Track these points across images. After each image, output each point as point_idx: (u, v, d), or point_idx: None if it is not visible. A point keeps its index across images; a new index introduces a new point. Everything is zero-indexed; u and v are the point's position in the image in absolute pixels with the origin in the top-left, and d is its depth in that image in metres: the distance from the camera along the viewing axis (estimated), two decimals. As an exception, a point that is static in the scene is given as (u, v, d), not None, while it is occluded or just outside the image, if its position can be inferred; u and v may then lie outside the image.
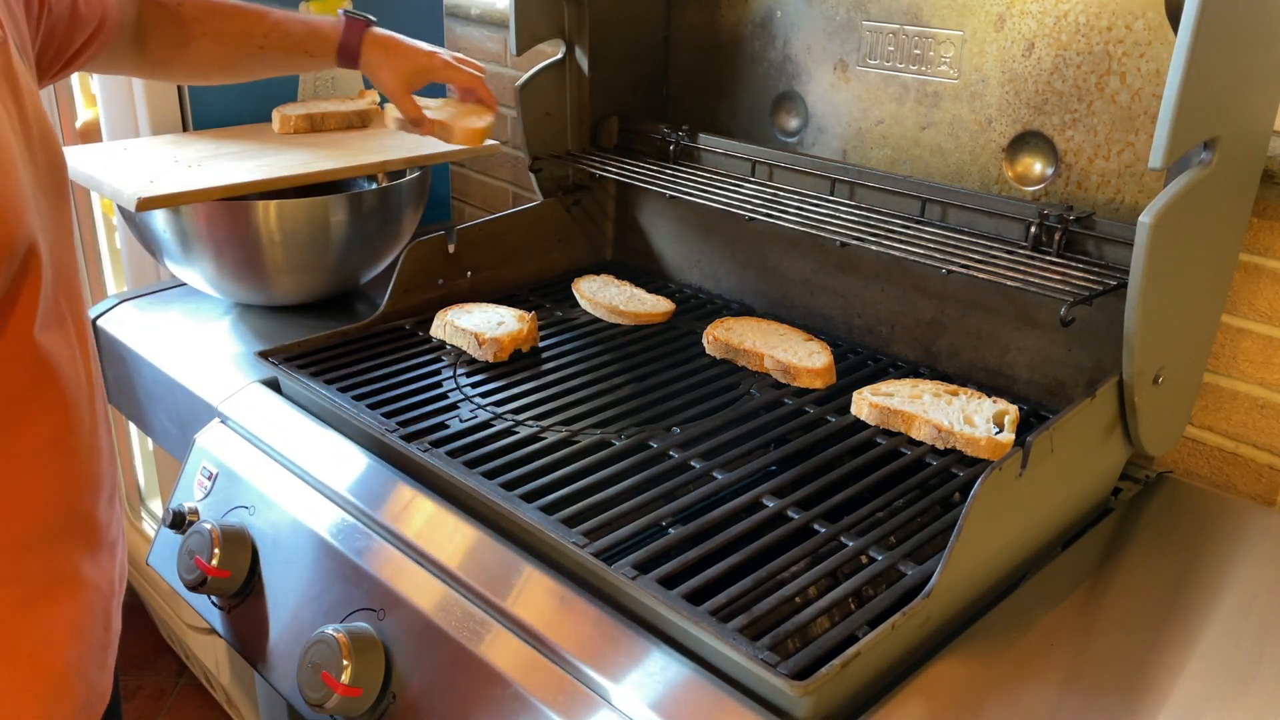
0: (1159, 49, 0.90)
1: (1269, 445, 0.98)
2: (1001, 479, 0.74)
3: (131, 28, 0.97)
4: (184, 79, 1.10)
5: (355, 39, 1.07)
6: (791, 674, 0.64)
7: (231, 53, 1.03)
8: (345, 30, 1.07)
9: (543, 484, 0.85)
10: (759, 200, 1.08)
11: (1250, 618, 0.79)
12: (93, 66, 0.97)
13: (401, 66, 1.07)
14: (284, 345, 1.07)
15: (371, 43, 1.07)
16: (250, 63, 1.05)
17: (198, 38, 1.01)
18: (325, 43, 1.06)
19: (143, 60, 1.00)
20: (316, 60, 1.07)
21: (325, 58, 1.07)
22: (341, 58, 1.07)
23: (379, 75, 1.07)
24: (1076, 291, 0.85)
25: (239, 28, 1.03)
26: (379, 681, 0.77)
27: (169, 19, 0.99)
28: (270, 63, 1.06)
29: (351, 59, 1.07)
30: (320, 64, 1.08)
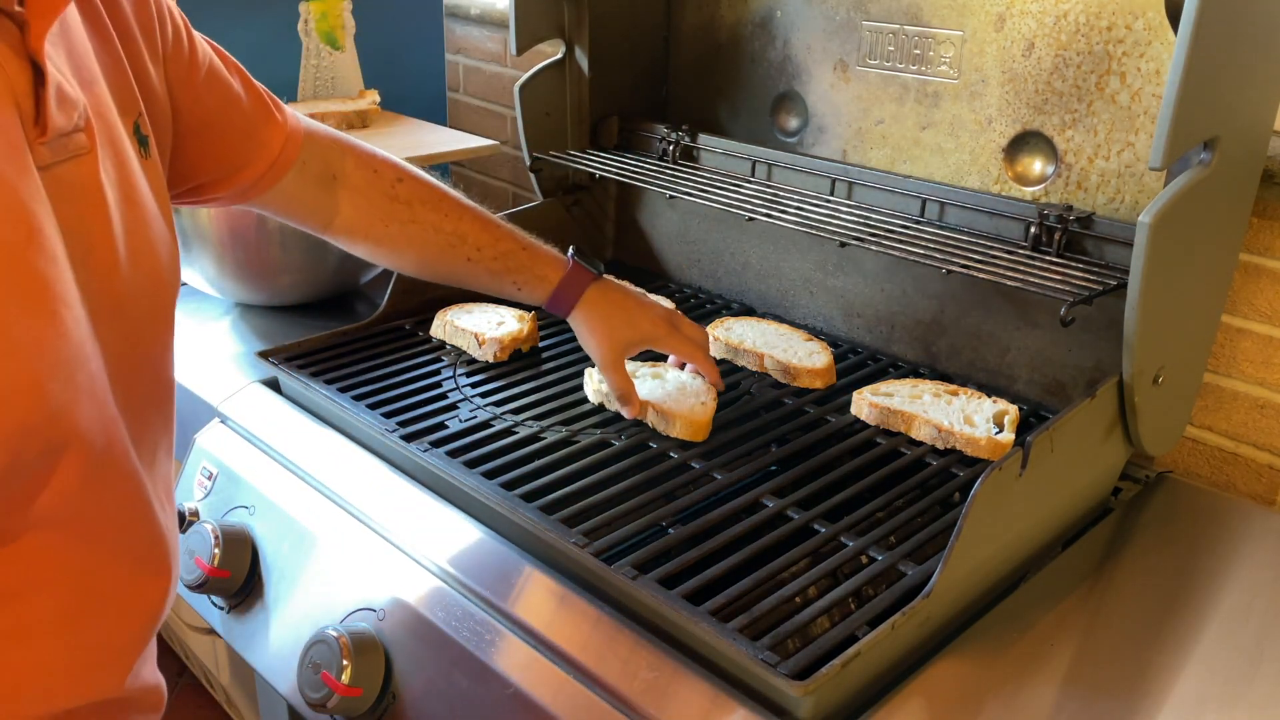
0: (1159, 49, 0.90)
1: (1269, 445, 0.98)
2: (1001, 479, 0.74)
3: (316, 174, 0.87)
4: (366, 254, 0.93)
5: (575, 291, 0.94)
6: (791, 674, 0.64)
7: (434, 254, 0.92)
8: (567, 277, 0.95)
9: (543, 484, 0.85)
10: (759, 200, 1.08)
11: (1250, 618, 0.79)
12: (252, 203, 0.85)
13: (620, 335, 0.94)
14: (284, 345, 1.07)
15: (592, 300, 0.95)
16: (449, 270, 0.94)
17: (405, 223, 0.91)
18: (540, 282, 0.94)
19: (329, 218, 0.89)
20: (524, 294, 0.95)
21: (535, 297, 0.95)
22: (553, 305, 0.95)
23: (591, 340, 0.94)
24: (1076, 291, 0.85)
25: (457, 229, 0.92)
26: (379, 681, 0.77)
27: (380, 192, 0.90)
28: (473, 277, 0.94)
29: (564, 310, 0.95)
30: (525, 298, 0.96)
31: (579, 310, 0.95)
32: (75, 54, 0.60)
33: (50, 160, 0.55)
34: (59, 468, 0.56)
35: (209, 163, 0.79)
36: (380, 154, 0.92)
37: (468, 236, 0.92)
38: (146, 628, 0.67)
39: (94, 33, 0.63)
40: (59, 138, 0.56)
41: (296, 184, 0.85)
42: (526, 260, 0.94)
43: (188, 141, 0.75)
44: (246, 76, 0.82)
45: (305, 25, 1.45)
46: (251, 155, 0.81)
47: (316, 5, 1.45)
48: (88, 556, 0.60)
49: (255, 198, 0.85)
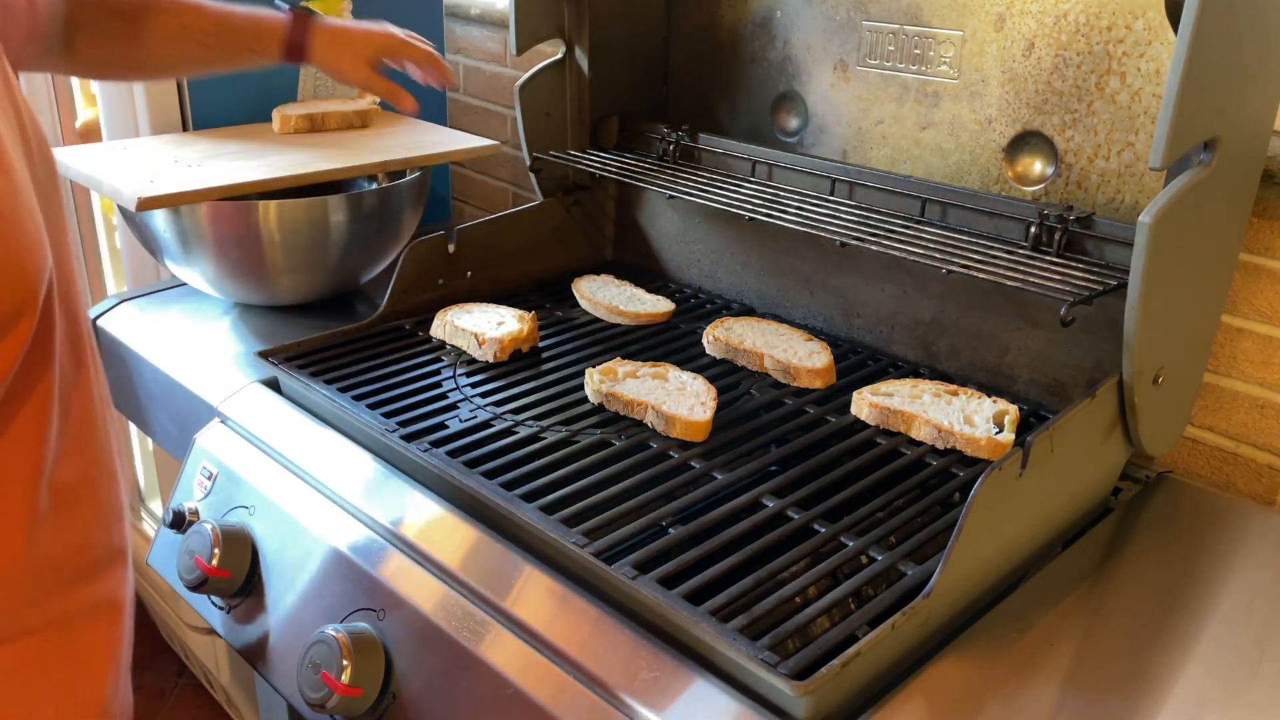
0: (1159, 49, 0.90)
1: (1269, 445, 0.98)
2: (1001, 479, 0.74)
3: (60, 22, 0.90)
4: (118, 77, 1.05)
5: (301, 33, 1.03)
6: (791, 674, 0.64)
7: (172, 49, 0.99)
8: (291, 26, 1.02)
9: (543, 484, 0.85)
10: (759, 200, 1.08)
11: (1250, 618, 0.79)
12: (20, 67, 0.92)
13: (359, 50, 1.05)
14: (284, 345, 1.07)
15: (320, 35, 1.04)
16: (191, 60, 1.01)
17: (139, 36, 0.96)
18: (270, 38, 1.02)
19: (74, 58, 0.94)
20: (260, 58, 1.03)
21: (270, 55, 1.02)
22: (288, 54, 1.03)
23: (337, 66, 1.05)
24: (1076, 291, 0.85)
25: (179, 22, 0.98)
26: (379, 681, 0.77)
27: (109, 13, 0.94)
28: (213, 60, 1.02)
29: (298, 54, 1.03)
30: (265, 61, 1.03)
31: (313, 46, 1.03)
32: None
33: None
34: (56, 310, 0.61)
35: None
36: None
37: (193, 25, 0.99)
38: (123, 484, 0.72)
39: None
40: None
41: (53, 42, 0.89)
42: (251, 27, 1.01)
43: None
44: None
45: (305, 25, 1.45)
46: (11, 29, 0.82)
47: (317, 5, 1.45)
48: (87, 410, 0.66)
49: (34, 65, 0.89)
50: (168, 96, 1.35)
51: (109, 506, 0.70)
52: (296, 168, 1.20)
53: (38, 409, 0.62)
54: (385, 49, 1.07)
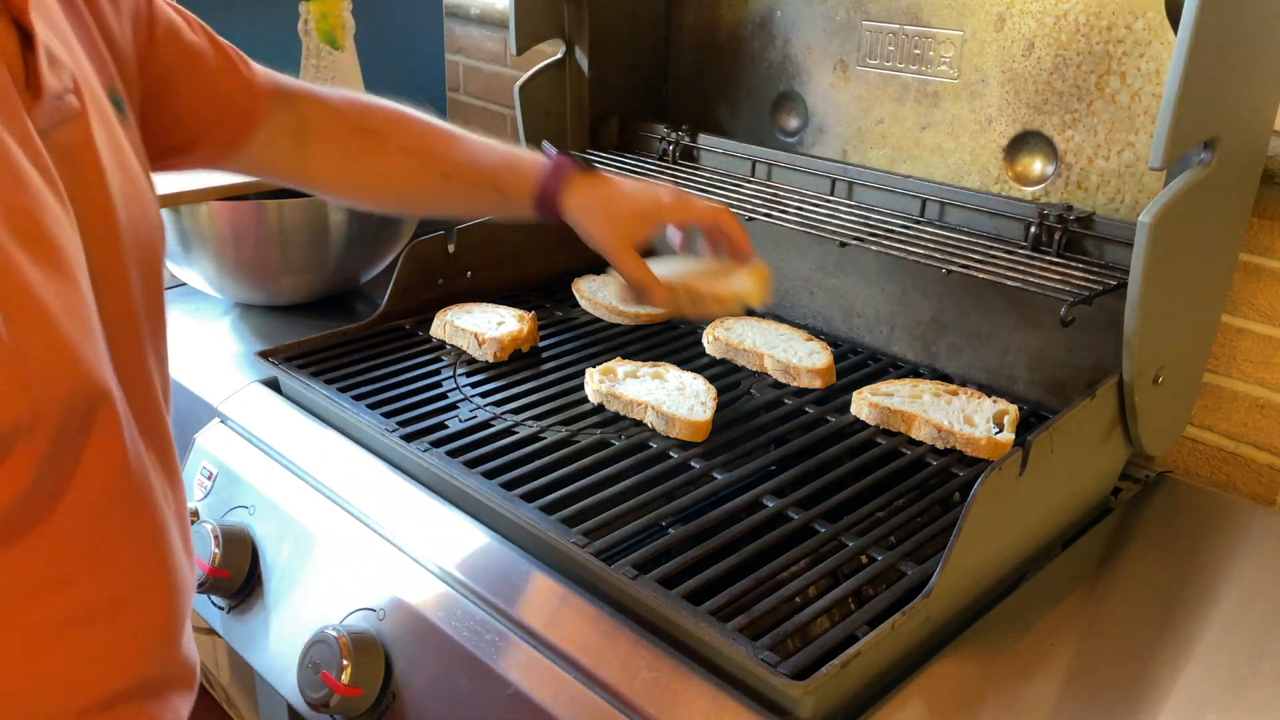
0: (1159, 49, 0.90)
1: (1269, 445, 0.98)
2: (1001, 479, 0.74)
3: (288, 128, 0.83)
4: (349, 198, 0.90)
5: (558, 181, 0.85)
6: (791, 674, 0.64)
7: (412, 178, 0.87)
8: (549, 172, 0.86)
9: (542, 484, 0.85)
10: (759, 200, 1.08)
11: (1250, 618, 0.79)
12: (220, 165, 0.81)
13: (617, 214, 0.84)
14: (284, 345, 1.07)
15: (583, 185, 0.85)
16: (430, 192, 0.88)
17: (377, 154, 0.85)
18: (521, 180, 0.86)
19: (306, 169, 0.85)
20: (509, 200, 0.87)
21: (520, 198, 0.86)
22: (540, 202, 0.86)
23: (589, 228, 0.85)
24: (1076, 291, 0.85)
25: (426, 146, 0.86)
26: (379, 681, 0.77)
27: (350, 127, 0.85)
28: (454, 195, 0.88)
29: (551, 205, 0.86)
30: (513, 204, 0.87)
31: (571, 199, 0.85)
32: (50, 18, 0.58)
33: (46, 124, 0.53)
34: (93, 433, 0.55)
35: (175, 124, 0.75)
36: (348, 93, 0.89)
37: (439, 153, 0.87)
38: (185, 602, 0.66)
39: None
40: (53, 100, 0.54)
41: (269, 140, 0.82)
42: (503, 163, 0.87)
43: (151, 104, 0.72)
44: (210, 33, 0.79)
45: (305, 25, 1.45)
46: (218, 113, 0.78)
47: (316, 5, 1.45)
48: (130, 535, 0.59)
49: (229, 159, 0.81)
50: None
51: (152, 629, 0.62)
52: (296, 168, 1.20)
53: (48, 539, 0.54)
54: (654, 212, 0.86)
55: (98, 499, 0.57)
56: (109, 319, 0.57)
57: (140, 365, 0.62)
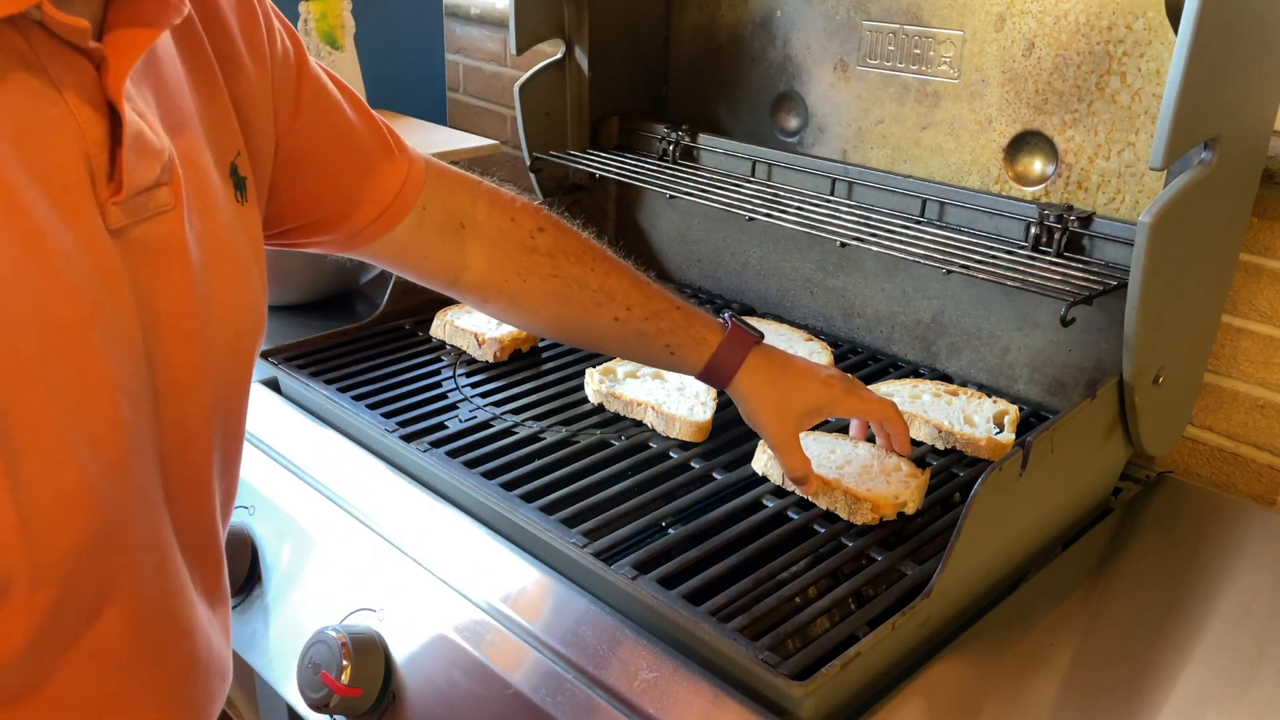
0: (1159, 49, 0.90)
1: (1269, 445, 0.98)
2: (1001, 479, 0.74)
3: (441, 222, 0.76)
4: (497, 312, 0.82)
5: (737, 357, 0.80)
6: (792, 674, 0.64)
7: (578, 312, 0.79)
8: (727, 340, 0.80)
9: (542, 484, 0.85)
10: (759, 200, 1.08)
11: (1250, 618, 0.79)
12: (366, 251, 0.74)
13: (793, 404, 0.80)
14: (284, 345, 1.07)
15: (756, 366, 0.80)
16: (593, 331, 0.81)
17: (545, 278, 0.78)
18: (697, 345, 0.80)
19: (456, 272, 0.78)
20: (676, 359, 0.81)
21: (690, 362, 0.81)
22: (710, 372, 0.81)
23: (758, 414, 0.80)
24: (1076, 291, 0.85)
25: (599, 284, 0.79)
26: (379, 681, 0.77)
27: (516, 243, 0.78)
28: (618, 340, 0.81)
29: (723, 379, 0.81)
30: (678, 364, 0.82)
31: (742, 378, 0.80)
32: (165, 90, 0.52)
33: (125, 221, 0.48)
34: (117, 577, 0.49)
35: (312, 203, 0.69)
36: (518, 198, 0.81)
37: (615, 293, 0.80)
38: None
39: (188, 59, 0.55)
40: (136, 195, 0.48)
41: (414, 232, 0.75)
42: (681, 320, 0.81)
43: (288, 176, 0.66)
44: (362, 105, 0.72)
45: (305, 25, 1.45)
46: (363, 196, 0.71)
47: (316, 5, 1.45)
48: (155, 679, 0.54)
49: (364, 245, 0.74)
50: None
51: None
52: (296, 168, 1.20)
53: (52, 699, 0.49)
54: (825, 406, 0.81)
55: (117, 649, 0.51)
56: (167, 427, 0.52)
57: (199, 478, 0.56)
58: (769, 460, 0.86)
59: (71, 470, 0.45)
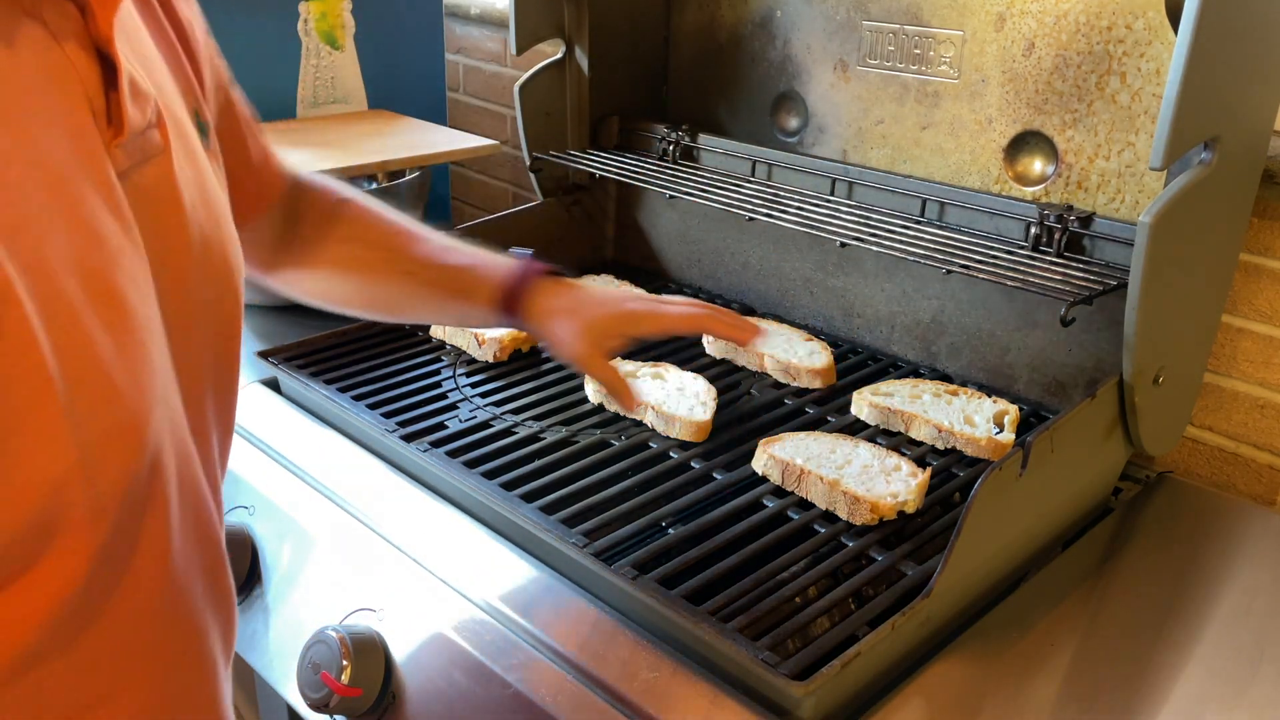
0: (1159, 49, 0.90)
1: (1269, 445, 0.98)
2: (1001, 479, 0.74)
3: (287, 205, 0.80)
4: (307, 288, 0.83)
5: (524, 285, 0.80)
6: (792, 674, 0.64)
7: (373, 268, 0.81)
8: (517, 273, 0.80)
9: (543, 484, 0.85)
10: (759, 200, 1.08)
11: (1250, 618, 0.79)
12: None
13: (587, 322, 0.79)
14: (284, 345, 1.07)
15: (551, 290, 0.80)
16: (389, 288, 0.82)
17: (346, 241, 0.81)
18: (485, 282, 0.80)
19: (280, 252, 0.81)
20: (471, 304, 0.81)
21: (482, 302, 0.80)
22: (503, 306, 0.80)
23: (557, 335, 0.80)
24: (1076, 291, 0.85)
25: (391, 242, 0.81)
26: (379, 681, 0.77)
27: (326, 211, 0.81)
28: (413, 295, 0.82)
29: (519, 308, 0.80)
30: (475, 309, 0.81)
31: (537, 303, 0.80)
32: (133, 39, 0.53)
33: (127, 164, 0.49)
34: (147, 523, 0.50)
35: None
36: (327, 180, 0.84)
37: (402, 248, 0.82)
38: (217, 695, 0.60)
39: (144, 14, 0.57)
40: (135, 137, 0.49)
41: (267, 224, 0.78)
42: (471, 262, 0.82)
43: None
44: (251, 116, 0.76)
45: (305, 25, 1.45)
46: (246, 182, 0.74)
47: (316, 5, 1.45)
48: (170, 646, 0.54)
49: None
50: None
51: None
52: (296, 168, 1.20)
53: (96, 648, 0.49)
54: (625, 319, 0.80)
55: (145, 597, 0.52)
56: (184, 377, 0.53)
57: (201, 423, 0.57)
58: (598, 386, 0.86)
59: (120, 405, 0.46)
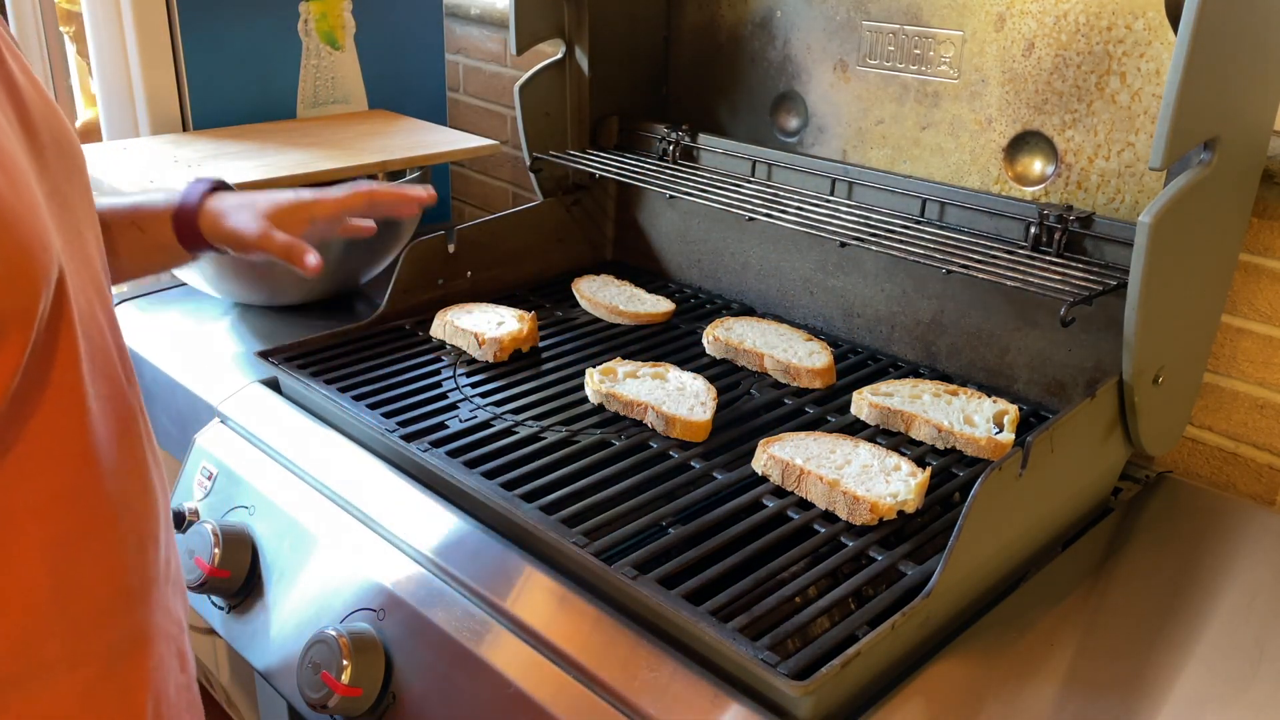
0: (1159, 49, 0.90)
1: (1269, 445, 0.98)
2: (1001, 479, 0.74)
3: None
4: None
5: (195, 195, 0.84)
6: (791, 674, 0.64)
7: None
8: (187, 190, 0.85)
9: (543, 484, 0.85)
10: (759, 200, 1.08)
11: (1250, 618, 0.79)
12: None
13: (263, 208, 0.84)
14: (284, 345, 1.07)
15: (214, 198, 0.85)
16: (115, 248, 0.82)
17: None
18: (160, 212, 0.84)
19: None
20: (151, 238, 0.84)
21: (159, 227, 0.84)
22: (178, 224, 0.84)
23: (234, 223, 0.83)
24: (1076, 291, 0.85)
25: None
26: (379, 681, 0.77)
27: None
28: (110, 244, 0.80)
29: (193, 233, 0.84)
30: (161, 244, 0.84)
31: (206, 216, 0.83)
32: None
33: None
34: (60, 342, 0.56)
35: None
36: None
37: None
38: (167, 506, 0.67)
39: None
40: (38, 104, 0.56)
41: None
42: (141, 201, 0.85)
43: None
44: None
45: (305, 25, 1.45)
46: None
47: (316, 5, 1.45)
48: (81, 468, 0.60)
49: None
50: (168, 97, 1.35)
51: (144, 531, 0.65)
52: (296, 168, 1.20)
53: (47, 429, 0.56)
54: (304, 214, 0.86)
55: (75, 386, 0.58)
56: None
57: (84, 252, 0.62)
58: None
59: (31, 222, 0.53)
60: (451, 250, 1.20)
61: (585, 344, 1.13)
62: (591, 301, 1.22)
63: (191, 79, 1.35)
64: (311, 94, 1.49)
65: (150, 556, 0.66)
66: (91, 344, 0.60)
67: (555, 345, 1.13)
